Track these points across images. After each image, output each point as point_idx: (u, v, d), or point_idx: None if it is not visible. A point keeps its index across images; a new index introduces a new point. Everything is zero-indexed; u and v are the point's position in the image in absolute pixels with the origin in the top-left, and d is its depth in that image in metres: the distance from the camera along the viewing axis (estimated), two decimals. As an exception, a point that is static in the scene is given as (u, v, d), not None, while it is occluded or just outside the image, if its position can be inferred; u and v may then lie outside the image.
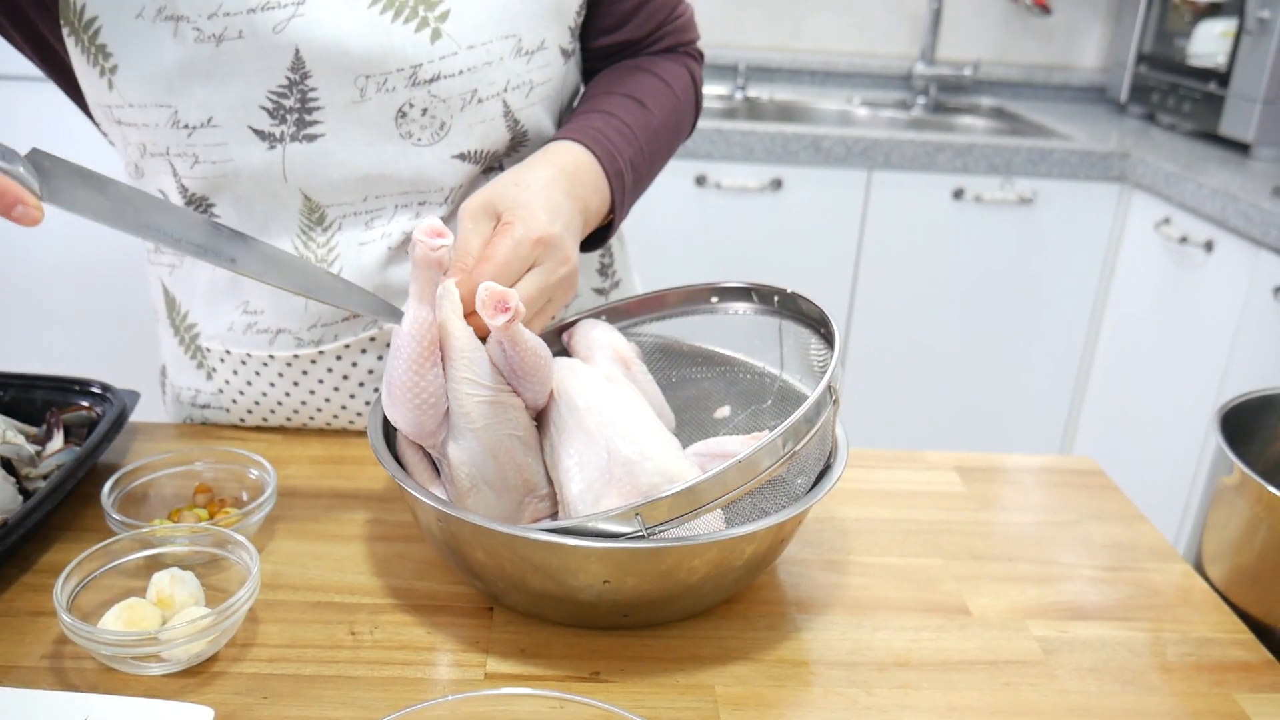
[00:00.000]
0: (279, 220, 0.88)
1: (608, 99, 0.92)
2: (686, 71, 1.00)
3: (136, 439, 0.94)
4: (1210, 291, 1.99)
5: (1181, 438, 2.04)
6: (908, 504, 0.92)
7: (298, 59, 0.80)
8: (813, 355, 0.83)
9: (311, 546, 0.81)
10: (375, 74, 0.82)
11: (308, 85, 0.81)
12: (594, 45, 0.97)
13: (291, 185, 0.85)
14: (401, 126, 0.84)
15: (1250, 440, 0.87)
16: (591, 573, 0.66)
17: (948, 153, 2.19)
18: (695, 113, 1.03)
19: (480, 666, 0.68)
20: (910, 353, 2.36)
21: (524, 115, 0.89)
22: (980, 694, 0.69)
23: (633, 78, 0.95)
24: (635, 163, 0.89)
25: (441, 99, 0.84)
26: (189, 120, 0.82)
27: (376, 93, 0.82)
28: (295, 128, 0.83)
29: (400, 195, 0.88)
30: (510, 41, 0.85)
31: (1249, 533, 0.78)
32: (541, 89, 0.89)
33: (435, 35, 0.82)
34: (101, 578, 0.71)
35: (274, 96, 0.81)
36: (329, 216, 0.87)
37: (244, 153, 0.83)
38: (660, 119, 0.94)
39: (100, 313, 2.24)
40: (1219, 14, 2.31)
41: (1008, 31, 2.80)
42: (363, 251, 0.88)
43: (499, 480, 0.74)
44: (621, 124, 0.89)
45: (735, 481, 0.65)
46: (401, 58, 0.82)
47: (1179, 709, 0.69)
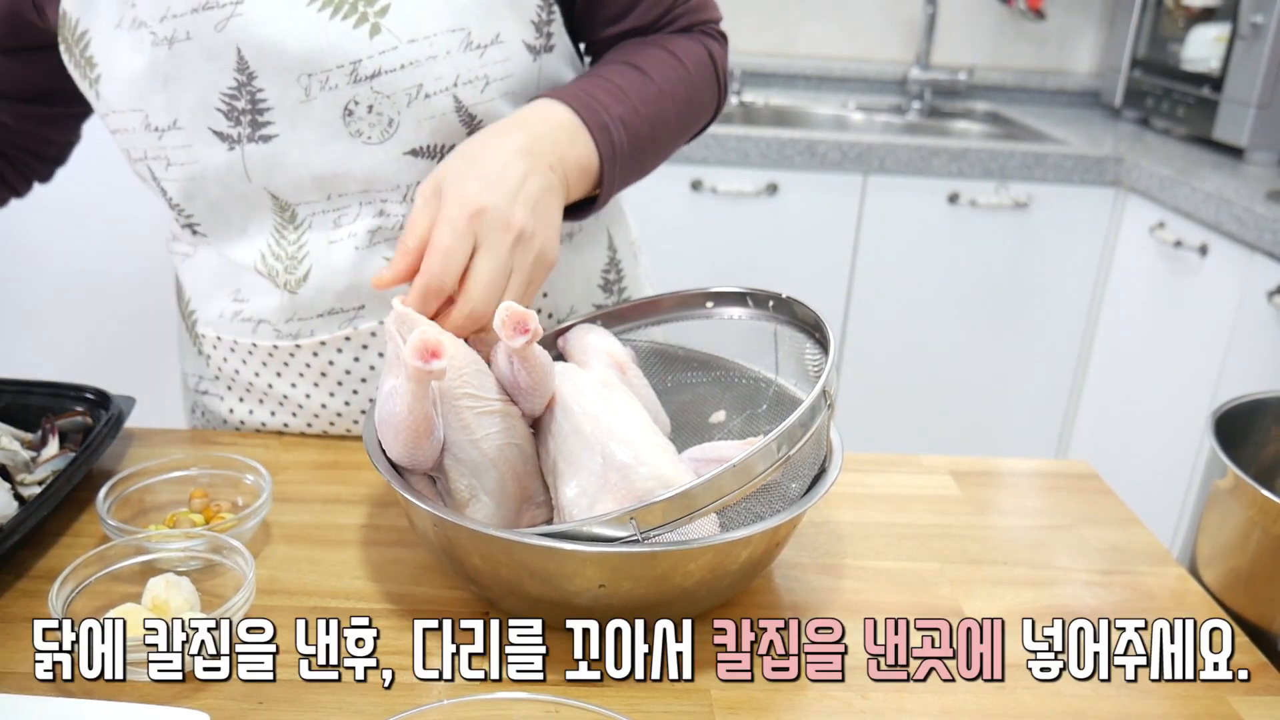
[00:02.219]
0: (254, 221, 0.89)
1: (601, 67, 0.90)
2: (703, 48, 0.95)
3: (132, 445, 0.94)
4: (1204, 295, 1.99)
5: (1177, 441, 2.05)
6: (903, 508, 0.92)
7: (241, 59, 0.80)
8: (808, 360, 0.83)
9: (307, 551, 0.81)
10: (316, 72, 0.81)
11: (255, 86, 0.81)
12: (602, 36, 0.94)
13: (256, 185, 0.86)
14: (350, 125, 0.83)
15: (1244, 444, 0.87)
16: (587, 577, 0.66)
17: (943, 157, 2.20)
18: (718, 92, 0.97)
19: (475, 671, 0.68)
20: (906, 356, 2.36)
21: (480, 110, 0.85)
22: (975, 697, 0.69)
23: (635, 50, 0.92)
24: (628, 121, 0.85)
25: (386, 95, 0.82)
26: (158, 123, 0.84)
27: (320, 91, 0.82)
28: (250, 129, 0.83)
29: (362, 193, 0.87)
30: (458, 35, 0.82)
31: (1243, 536, 0.78)
32: (500, 84, 0.85)
33: (374, 30, 0.80)
34: (97, 583, 0.71)
35: (226, 98, 0.82)
36: (299, 215, 0.88)
37: (208, 154, 0.85)
38: (661, 86, 0.89)
39: (97, 319, 2.23)
40: (1212, 19, 2.31)
41: (1002, 36, 2.81)
42: (332, 250, 0.88)
43: (498, 489, 0.74)
44: (610, 84, 0.86)
45: (730, 486, 0.65)
46: (340, 54, 0.80)
47: (1174, 712, 0.69)
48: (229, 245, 0.91)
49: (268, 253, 0.89)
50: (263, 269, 0.90)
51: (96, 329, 2.24)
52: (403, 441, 0.70)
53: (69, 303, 2.24)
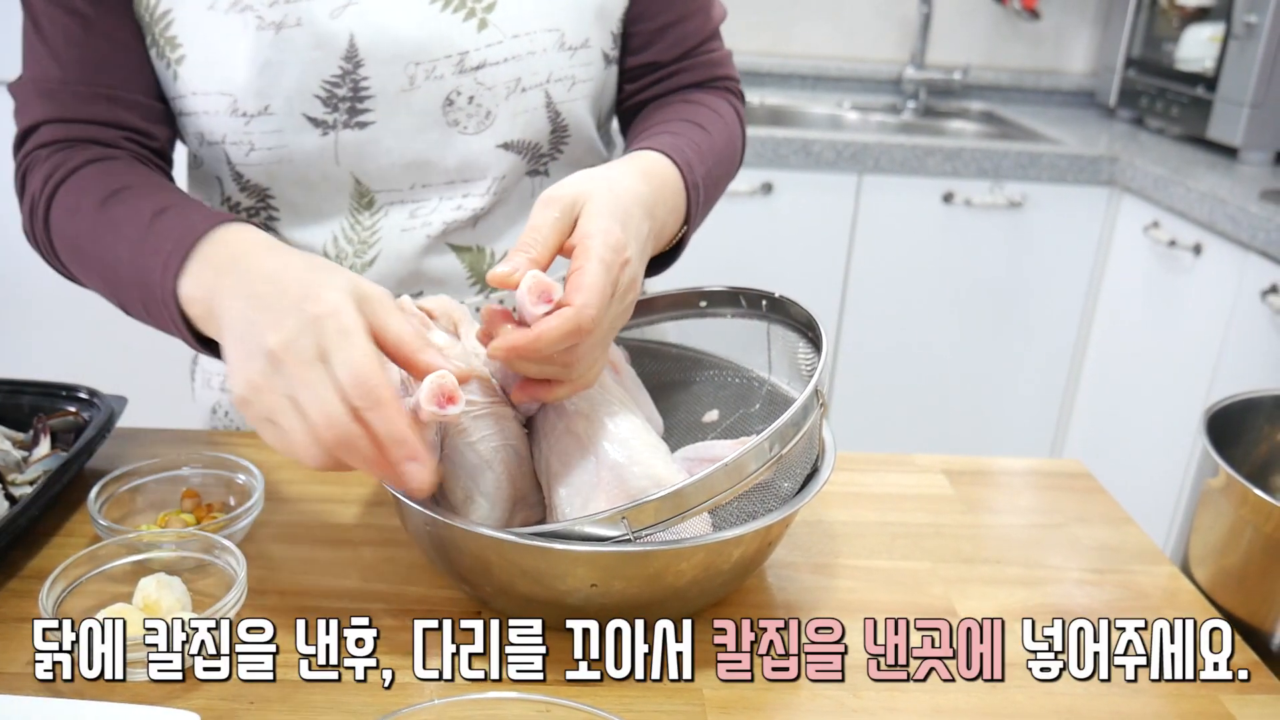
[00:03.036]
0: (331, 202, 0.91)
1: (668, 124, 0.91)
2: (731, 107, 0.99)
3: (124, 444, 0.94)
4: (1198, 294, 2.00)
5: (1171, 440, 2.05)
6: (896, 507, 0.92)
7: (352, 46, 0.83)
8: (800, 359, 0.83)
9: (299, 551, 0.81)
10: (425, 61, 0.84)
11: (360, 75, 0.84)
12: (622, 65, 0.97)
13: (343, 168, 0.88)
14: (449, 114, 0.87)
15: (1237, 443, 0.88)
16: (579, 576, 0.66)
17: (937, 156, 2.20)
18: (742, 149, 1.01)
19: (467, 670, 0.68)
20: (900, 356, 2.36)
21: (565, 109, 0.91)
22: (966, 696, 0.69)
23: (685, 107, 0.95)
24: (704, 182, 0.87)
25: (487, 87, 0.86)
26: (247, 109, 0.85)
27: (425, 80, 0.85)
28: (347, 115, 0.86)
29: (445, 186, 0.90)
30: (553, 35, 0.87)
31: (1234, 535, 0.78)
32: (584, 86, 0.91)
33: (482, 25, 0.85)
34: (88, 583, 0.71)
35: (328, 85, 0.84)
36: (377, 201, 0.90)
37: (298, 140, 0.86)
38: (717, 144, 0.92)
39: (89, 319, 2.23)
40: (1206, 19, 2.32)
41: (997, 36, 2.81)
42: (403, 238, 0.91)
43: (495, 490, 0.74)
44: (692, 143, 0.88)
45: (722, 485, 0.65)
46: (449, 45, 0.85)
47: (1166, 711, 0.69)
48: (301, 227, 0.92)
49: (340, 235, 0.91)
50: (332, 251, 0.92)
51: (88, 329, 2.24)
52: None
53: (61, 303, 2.24)
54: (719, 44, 1.01)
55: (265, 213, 0.93)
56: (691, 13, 0.96)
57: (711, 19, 0.99)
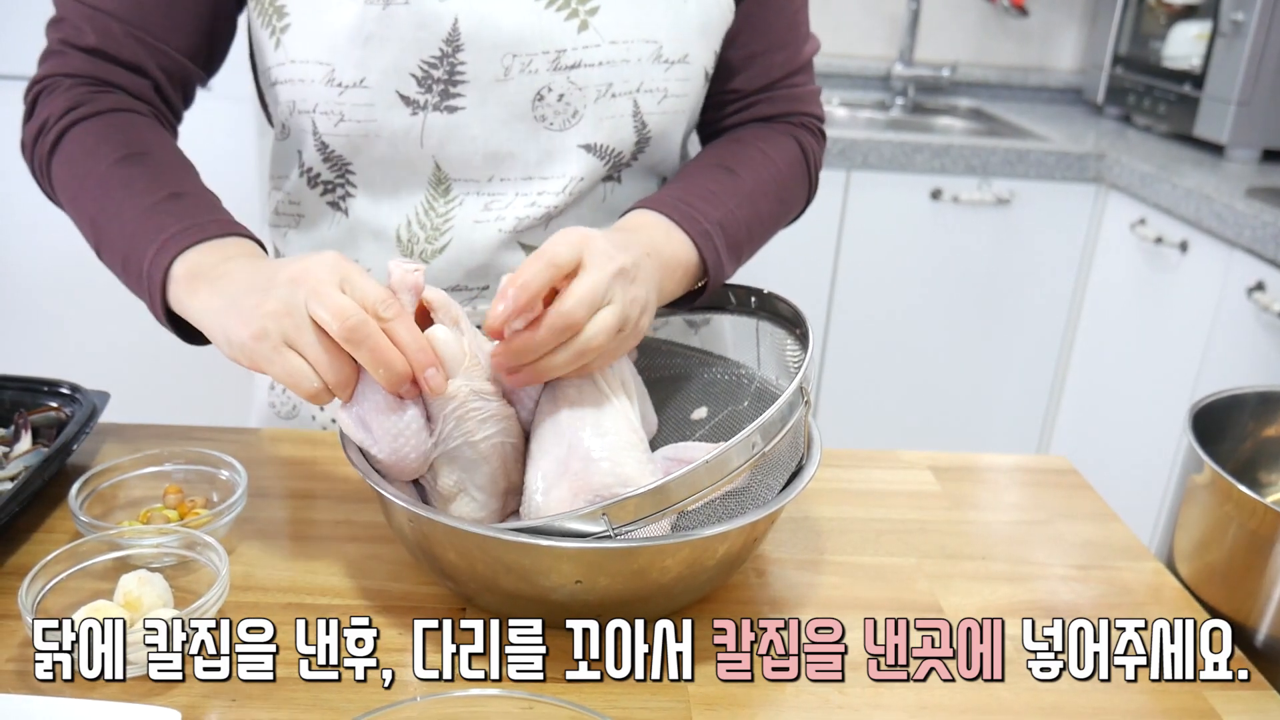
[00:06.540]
0: (408, 184, 0.91)
1: (694, 171, 0.93)
2: (795, 144, 0.98)
3: (106, 440, 0.93)
4: (1185, 291, 2.00)
5: (1156, 436, 2.06)
6: (882, 503, 0.92)
7: (454, 29, 0.83)
8: (788, 355, 0.83)
9: (282, 548, 0.80)
10: (522, 53, 0.85)
11: (458, 59, 0.84)
12: (709, 95, 0.97)
13: (426, 152, 0.89)
14: (537, 109, 0.87)
15: (1222, 439, 0.88)
16: (563, 573, 0.66)
17: (925, 153, 2.20)
18: (809, 186, 1.02)
19: (451, 668, 0.67)
20: (887, 352, 2.37)
21: (653, 120, 0.91)
22: (952, 693, 0.69)
23: (726, 148, 0.96)
24: (725, 223, 0.88)
25: (578, 87, 0.87)
26: (343, 79, 0.85)
27: (520, 73, 0.86)
28: (439, 98, 0.86)
29: (523, 180, 0.90)
30: (650, 46, 0.88)
31: (1219, 531, 0.79)
32: (675, 100, 0.91)
33: (583, 26, 0.86)
34: (69, 580, 0.70)
35: (425, 66, 0.84)
36: (454, 189, 0.90)
37: (388, 116, 0.86)
38: (753, 185, 0.92)
39: (72, 313, 2.22)
40: (1194, 16, 2.33)
41: (985, 33, 2.82)
42: (475, 229, 0.91)
43: (489, 484, 0.74)
44: (704, 189, 0.89)
45: (704, 481, 0.65)
46: (548, 41, 0.85)
47: (1150, 706, 0.69)
48: (376, 205, 0.92)
49: (414, 219, 0.91)
50: (405, 235, 0.92)
51: (70, 325, 2.23)
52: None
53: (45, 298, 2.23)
54: (806, 79, 1.01)
55: (343, 188, 0.93)
56: (783, 44, 0.97)
57: (802, 53, 0.99)
